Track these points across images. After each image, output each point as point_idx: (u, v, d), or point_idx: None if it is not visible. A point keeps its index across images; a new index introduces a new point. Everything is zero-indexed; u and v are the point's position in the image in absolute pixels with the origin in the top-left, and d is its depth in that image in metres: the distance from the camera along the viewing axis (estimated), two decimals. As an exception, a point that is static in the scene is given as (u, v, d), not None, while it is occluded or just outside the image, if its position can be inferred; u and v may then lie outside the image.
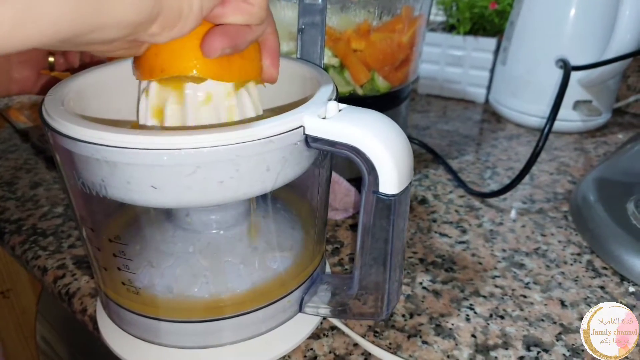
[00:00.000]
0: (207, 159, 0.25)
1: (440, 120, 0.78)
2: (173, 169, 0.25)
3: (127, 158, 0.24)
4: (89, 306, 0.39)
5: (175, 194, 0.26)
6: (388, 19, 0.50)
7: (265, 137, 0.25)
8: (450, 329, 0.37)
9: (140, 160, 0.24)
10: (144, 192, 0.26)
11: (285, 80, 0.36)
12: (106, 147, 0.24)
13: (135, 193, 0.26)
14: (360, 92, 0.51)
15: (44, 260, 0.45)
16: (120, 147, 0.24)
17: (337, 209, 0.51)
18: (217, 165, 0.25)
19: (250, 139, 0.25)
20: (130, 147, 0.24)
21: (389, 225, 0.29)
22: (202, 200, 0.27)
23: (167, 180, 0.25)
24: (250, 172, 0.26)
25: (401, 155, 0.27)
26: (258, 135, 0.25)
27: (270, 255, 0.34)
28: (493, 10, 0.79)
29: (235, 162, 0.25)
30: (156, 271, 0.32)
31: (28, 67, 0.50)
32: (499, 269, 0.44)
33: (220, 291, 0.32)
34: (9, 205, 0.53)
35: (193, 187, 0.26)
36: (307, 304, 0.35)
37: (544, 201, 0.55)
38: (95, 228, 0.32)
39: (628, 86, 0.80)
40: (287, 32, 0.49)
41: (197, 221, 0.33)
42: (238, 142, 0.25)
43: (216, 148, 0.24)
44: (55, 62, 0.52)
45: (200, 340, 0.33)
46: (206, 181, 0.26)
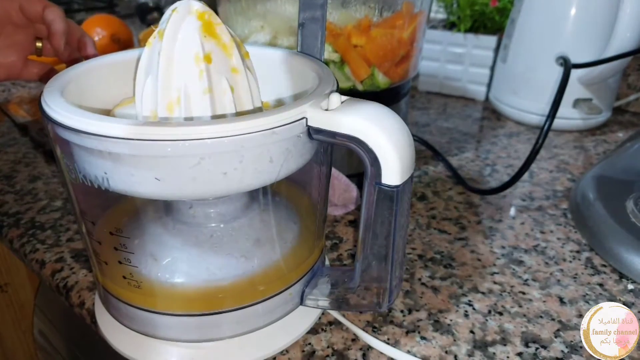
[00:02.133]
0: (211, 150, 0.25)
1: (440, 117, 0.78)
2: (177, 160, 0.25)
3: (131, 149, 0.24)
4: (86, 299, 0.39)
5: (179, 186, 0.26)
6: (388, 15, 0.50)
7: (269, 128, 0.25)
8: (448, 324, 0.37)
9: (144, 152, 0.24)
10: (147, 184, 0.26)
11: (285, 73, 0.36)
12: (110, 139, 0.24)
13: (139, 185, 0.26)
14: (360, 88, 0.51)
15: (42, 254, 0.44)
16: (124, 139, 0.24)
17: (336, 204, 0.51)
18: (221, 156, 0.25)
19: (254, 130, 0.25)
20: (135, 138, 0.24)
21: (392, 216, 0.29)
22: (206, 191, 0.27)
23: (170, 172, 0.25)
24: (254, 163, 0.26)
25: (403, 146, 0.27)
26: (262, 126, 0.25)
27: (272, 248, 0.34)
28: (494, 8, 0.79)
29: (239, 153, 0.25)
30: (158, 264, 0.32)
31: (14, 52, 0.50)
32: (497, 265, 0.44)
33: (222, 284, 0.32)
34: (7, 198, 0.53)
35: (197, 178, 0.25)
36: (308, 297, 0.35)
37: (543, 199, 0.55)
38: (96, 221, 0.31)
39: (628, 85, 0.80)
40: (287, 26, 0.49)
41: (200, 214, 0.33)
42: (242, 133, 0.24)
43: (220, 139, 0.24)
44: (43, 47, 0.52)
45: (201, 334, 0.33)
46: (210, 172, 0.25)
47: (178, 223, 0.34)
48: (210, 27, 0.29)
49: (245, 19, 0.51)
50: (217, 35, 0.29)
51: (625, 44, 0.62)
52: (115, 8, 1.44)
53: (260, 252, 0.34)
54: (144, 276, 0.31)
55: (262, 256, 0.33)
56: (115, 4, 1.45)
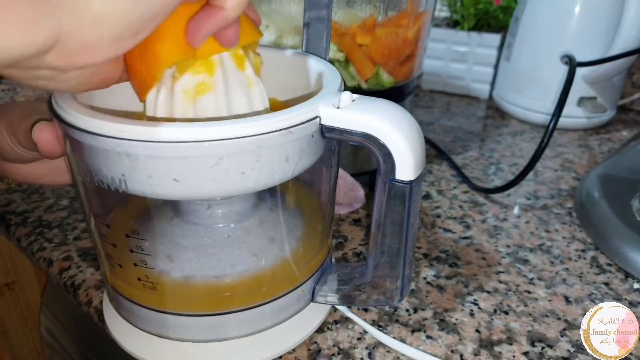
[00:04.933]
0: (230, 150, 0.25)
1: (444, 116, 0.78)
2: (196, 160, 0.25)
3: (151, 151, 0.24)
4: (94, 298, 0.40)
5: (197, 186, 0.26)
6: (393, 14, 0.50)
7: (286, 128, 0.25)
8: (454, 323, 0.37)
9: (165, 153, 0.24)
10: (165, 185, 0.26)
11: (291, 72, 0.36)
12: (129, 141, 0.24)
13: (157, 187, 0.26)
14: (365, 87, 0.51)
15: (49, 252, 0.45)
16: (144, 141, 0.24)
17: (341, 203, 0.51)
18: (239, 156, 0.25)
19: (272, 130, 0.25)
20: (155, 140, 0.24)
21: (404, 211, 0.29)
22: (224, 191, 0.27)
23: (189, 173, 0.25)
24: (271, 162, 0.26)
25: (416, 142, 0.28)
26: (279, 125, 0.25)
27: (286, 247, 0.34)
28: (497, 6, 0.79)
29: (256, 152, 0.26)
30: (175, 265, 0.32)
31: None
32: (503, 264, 0.44)
33: (238, 283, 0.32)
34: (14, 197, 0.53)
35: (215, 178, 0.26)
36: (319, 293, 0.35)
37: (548, 197, 0.55)
38: (112, 224, 0.31)
39: (633, 83, 0.80)
40: (292, 26, 0.49)
41: (217, 213, 0.33)
42: (260, 133, 0.25)
43: (239, 139, 0.24)
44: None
45: (217, 333, 0.33)
46: (228, 172, 0.26)
47: (192, 223, 0.34)
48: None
49: (250, 18, 0.51)
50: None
51: (630, 42, 0.62)
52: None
53: (276, 250, 0.34)
54: (160, 277, 0.31)
55: (276, 254, 0.33)
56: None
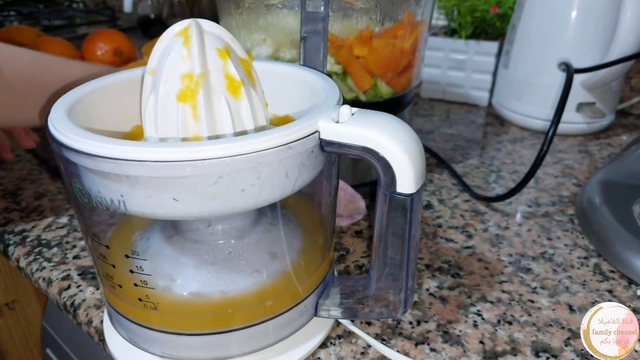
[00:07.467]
0: (229, 168, 0.25)
1: (444, 124, 0.78)
2: (195, 179, 0.25)
3: (150, 171, 0.24)
4: (94, 318, 0.39)
5: (197, 205, 0.26)
6: (390, 25, 0.50)
7: (285, 144, 0.25)
8: (458, 335, 0.37)
9: (164, 173, 0.24)
10: (165, 205, 0.26)
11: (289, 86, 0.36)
12: (128, 162, 0.24)
13: (157, 206, 0.26)
14: (364, 99, 0.51)
15: (48, 272, 0.44)
16: (143, 161, 0.24)
17: (342, 215, 0.51)
18: (239, 173, 0.25)
19: (271, 146, 0.25)
20: (153, 160, 0.24)
21: (406, 223, 0.29)
22: (224, 209, 0.27)
23: (189, 192, 0.25)
24: (271, 178, 0.26)
25: (416, 155, 0.27)
26: (278, 142, 0.25)
27: (288, 261, 0.34)
28: (494, 14, 0.79)
29: (256, 169, 0.25)
30: (176, 284, 0.32)
31: None
32: (505, 273, 0.44)
33: (241, 300, 0.32)
34: (13, 216, 0.53)
35: (215, 196, 0.25)
36: (322, 308, 0.35)
37: (549, 204, 0.55)
38: (111, 245, 0.31)
39: (631, 87, 0.80)
40: (289, 40, 0.49)
41: (217, 230, 0.33)
42: (259, 150, 0.25)
43: (239, 157, 0.24)
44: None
45: (217, 352, 0.32)
46: (228, 190, 0.26)
47: (193, 241, 0.33)
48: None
49: (247, 32, 0.51)
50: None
51: (627, 48, 0.62)
52: (117, 21, 1.45)
53: (278, 265, 0.34)
54: (161, 297, 0.31)
55: (278, 269, 0.33)
56: (117, 17, 1.46)
